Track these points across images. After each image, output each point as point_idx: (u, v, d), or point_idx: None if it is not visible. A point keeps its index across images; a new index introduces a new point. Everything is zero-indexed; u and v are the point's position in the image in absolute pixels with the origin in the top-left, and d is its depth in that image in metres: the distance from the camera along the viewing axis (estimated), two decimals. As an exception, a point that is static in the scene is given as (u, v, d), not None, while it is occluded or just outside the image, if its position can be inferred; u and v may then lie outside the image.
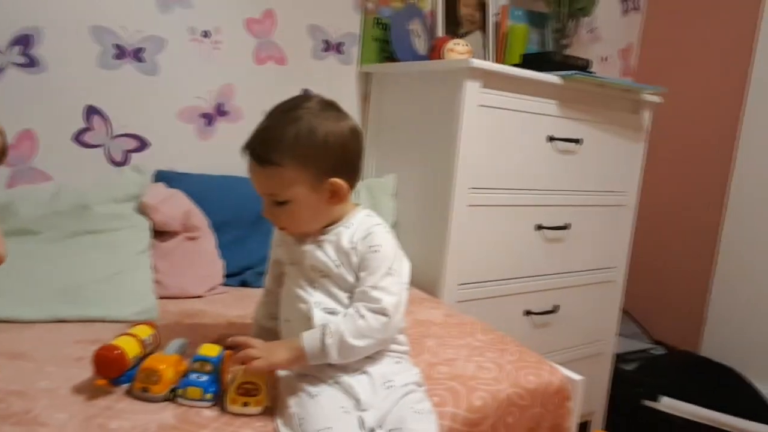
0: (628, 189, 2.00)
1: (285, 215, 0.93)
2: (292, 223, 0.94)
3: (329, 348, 0.87)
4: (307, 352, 0.87)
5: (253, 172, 0.93)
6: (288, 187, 0.91)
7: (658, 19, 2.62)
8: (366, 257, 0.92)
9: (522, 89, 1.66)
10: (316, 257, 0.94)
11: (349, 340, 0.87)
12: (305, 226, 0.95)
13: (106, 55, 1.53)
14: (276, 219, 0.95)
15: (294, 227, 0.95)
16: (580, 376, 1.20)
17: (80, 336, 1.09)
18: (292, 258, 0.99)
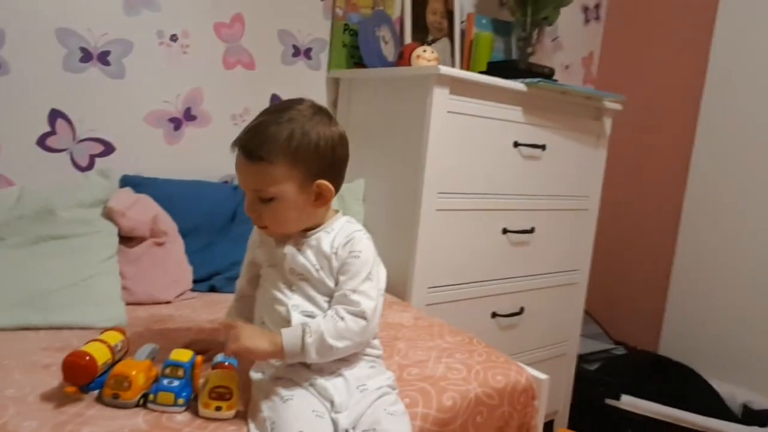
0: (590, 193, 2.06)
1: (269, 213, 0.93)
2: (275, 221, 0.94)
3: (308, 347, 0.87)
4: (286, 349, 0.87)
5: (242, 166, 0.92)
6: (276, 185, 0.91)
7: (617, 29, 2.71)
8: (347, 262, 0.94)
9: (488, 96, 1.70)
10: (296, 260, 0.94)
11: (328, 340, 0.88)
12: (287, 225, 0.95)
13: (71, 57, 1.51)
14: (258, 217, 0.94)
15: (276, 226, 0.95)
16: (545, 375, 1.24)
17: (47, 343, 1.07)
18: (271, 260, 0.99)
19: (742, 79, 2.24)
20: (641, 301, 2.58)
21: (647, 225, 2.57)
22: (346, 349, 0.91)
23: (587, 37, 2.71)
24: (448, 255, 1.70)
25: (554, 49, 2.59)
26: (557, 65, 2.59)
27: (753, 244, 2.20)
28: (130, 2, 1.57)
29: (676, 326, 2.43)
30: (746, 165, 2.23)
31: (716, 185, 2.31)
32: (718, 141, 2.31)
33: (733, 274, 2.26)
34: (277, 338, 0.87)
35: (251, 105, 1.81)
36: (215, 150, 1.76)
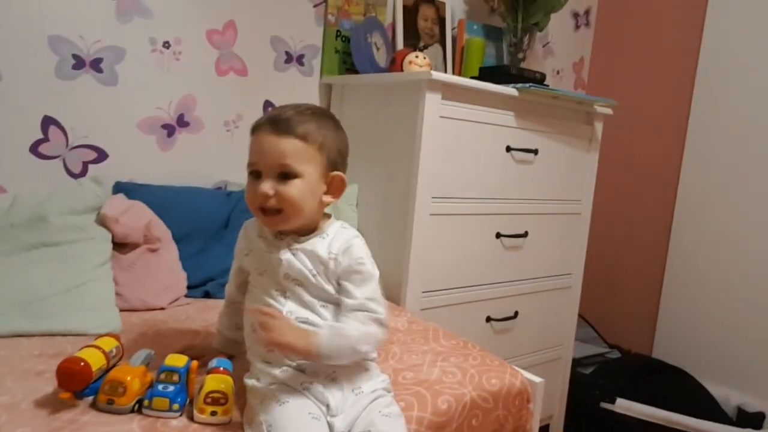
0: (582, 198, 2.07)
1: (287, 193, 0.91)
2: (291, 202, 0.91)
3: (341, 350, 0.89)
4: (321, 352, 0.87)
5: (269, 142, 0.91)
6: (304, 163, 0.92)
7: (607, 34, 2.74)
8: (353, 269, 0.95)
9: (480, 101, 1.71)
10: (292, 266, 0.94)
11: (357, 346, 0.90)
12: (301, 210, 0.93)
13: (64, 65, 1.50)
14: (274, 198, 0.91)
15: (290, 208, 0.92)
16: (540, 378, 1.24)
17: (40, 350, 1.06)
18: (261, 267, 0.98)
19: (731, 82, 2.27)
20: (635, 305, 2.59)
21: (640, 228, 2.58)
22: (367, 353, 0.94)
23: (578, 43, 2.74)
24: (442, 259, 1.70)
25: (545, 54, 2.61)
26: (548, 71, 2.61)
27: (745, 246, 2.22)
28: (123, 9, 1.57)
29: (669, 329, 2.45)
30: (737, 168, 2.25)
31: (707, 188, 2.33)
32: (709, 144, 2.33)
33: (725, 276, 2.27)
34: (312, 339, 0.87)
35: (244, 111, 1.82)
36: (208, 156, 1.76)
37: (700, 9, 2.36)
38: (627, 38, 2.65)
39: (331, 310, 0.96)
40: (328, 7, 1.91)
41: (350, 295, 0.94)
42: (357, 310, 0.93)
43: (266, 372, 0.92)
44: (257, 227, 1.01)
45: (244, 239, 1.03)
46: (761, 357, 2.16)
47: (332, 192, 0.98)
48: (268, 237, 0.99)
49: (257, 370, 0.93)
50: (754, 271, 2.19)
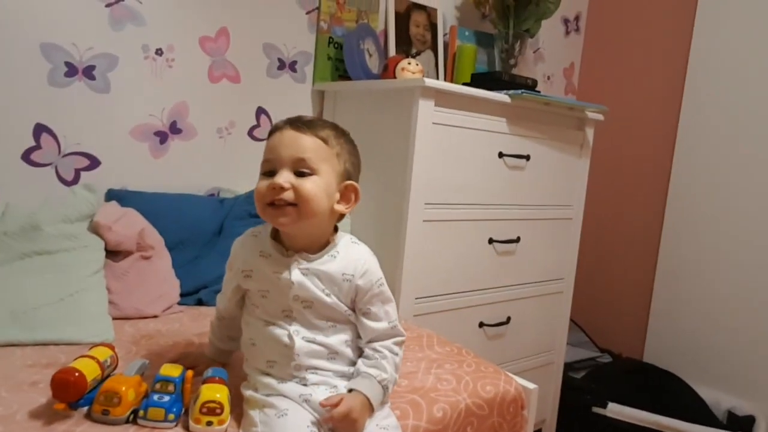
0: (574, 203, 2.09)
1: (304, 185, 0.88)
2: (306, 198, 0.88)
3: (387, 394, 0.94)
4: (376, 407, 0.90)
5: (290, 138, 0.90)
6: (322, 161, 0.91)
7: (597, 40, 2.76)
8: (374, 292, 0.95)
9: (473, 107, 1.72)
10: (304, 288, 0.92)
11: (395, 377, 0.95)
12: (314, 208, 0.89)
13: (56, 72, 1.50)
14: (290, 189, 0.88)
15: (305, 204, 0.88)
16: (534, 384, 1.25)
17: (33, 360, 1.06)
18: (264, 288, 0.95)
19: (721, 86, 2.29)
20: (626, 309, 2.61)
21: (630, 233, 2.60)
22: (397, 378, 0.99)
23: (568, 49, 2.76)
24: (436, 265, 1.71)
25: (536, 60, 2.63)
26: (539, 76, 2.63)
27: (735, 250, 2.24)
28: (115, 17, 1.57)
29: (660, 333, 2.46)
30: (726, 172, 2.27)
31: (697, 192, 2.35)
32: (699, 148, 2.35)
33: (716, 280, 2.29)
34: (365, 400, 0.88)
35: (237, 118, 1.82)
36: (201, 163, 1.76)
37: (690, 14, 2.38)
38: (616, 43, 2.67)
39: (340, 330, 0.95)
40: (320, 14, 1.92)
41: (376, 318, 0.95)
42: (384, 336, 0.96)
43: (265, 384, 0.91)
44: (257, 244, 0.97)
45: (242, 258, 0.97)
46: (751, 360, 2.18)
47: (345, 201, 0.96)
48: (273, 254, 0.94)
49: (255, 380, 0.93)
50: (745, 275, 2.21)
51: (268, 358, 0.93)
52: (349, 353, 0.95)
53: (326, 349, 0.93)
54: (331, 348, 0.93)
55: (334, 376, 0.93)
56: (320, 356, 0.92)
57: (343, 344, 0.95)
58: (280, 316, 0.93)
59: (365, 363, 0.93)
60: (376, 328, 0.94)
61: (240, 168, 1.81)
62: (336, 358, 0.94)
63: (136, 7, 1.59)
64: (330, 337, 0.93)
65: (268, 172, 0.91)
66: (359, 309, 0.95)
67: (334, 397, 0.87)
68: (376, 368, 0.92)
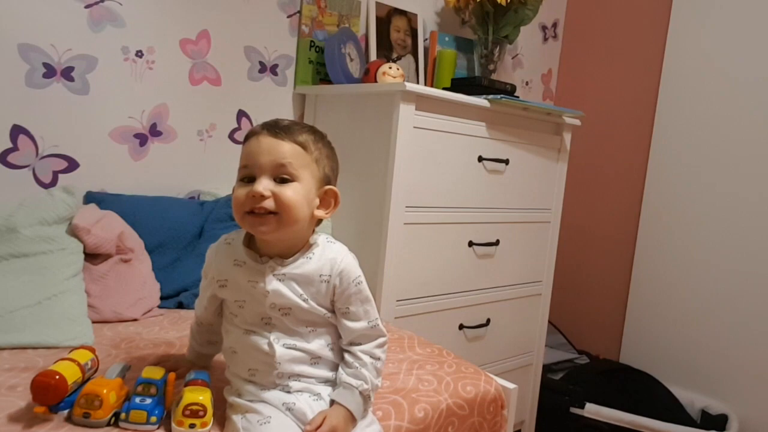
0: (552, 206, 2.12)
1: (284, 194, 0.87)
2: (287, 205, 0.87)
3: (370, 402, 0.94)
4: (358, 417, 0.90)
5: (268, 144, 0.88)
6: (302, 168, 0.89)
7: (574, 47, 2.81)
8: (352, 291, 0.94)
9: (453, 112, 1.74)
10: (281, 295, 0.90)
11: (377, 384, 0.95)
12: (295, 216, 0.88)
13: (34, 73, 1.48)
14: (270, 197, 0.87)
15: (286, 211, 0.87)
16: (513, 384, 1.27)
17: (11, 363, 1.04)
18: (241, 298, 0.93)
19: (694, 92, 2.34)
20: (603, 311, 2.65)
21: (607, 236, 2.65)
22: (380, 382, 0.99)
23: (546, 55, 2.81)
24: (416, 268, 1.72)
25: (514, 66, 2.67)
26: (518, 82, 2.67)
27: (709, 252, 2.29)
28: (95, 18, 1.55)
29: (635, 335, 2.51)
30: (701, 174, 2.31)
31: (671, 195, 2.40)
32: (673, 151, 2.40)
33: (690, 283, 2.34)
34: (347, 414, 0.89)
35: (217, 121, 1.81)
36: (181, 166, 1.75)
37: (664, 20, 2.44)
38: (593, 50, 2.72)
39: (320, 333, 0.94)
40: (301, 17, 1.93)
41: (356, 318, 0.94)
42: (363, 338, 0.94)
43: (248, 390, 0.91)
44: (231, 252, 0.95)
45: (216, 267, 0.95)
46: (724, 361, 2.23)
47: (325, 206, 0.95)
48: (247, 262, 0.92)
49: (238, 387, 0.93)
50: (718, 278, 2.26)
51: (249, 366, 0.92)
52: (332, 357, 0.95)
53: (308, 354, 0.92)
54: (312, 353, 0.92)
55: (317, 383, 0.92)
56: (302, 362, 0.92)
57: (325, 348, 0.94)
58: (259, 324, 0.92)
59: (346, 372, 0.92)
60: (356, 328, 0.93)
61: (220, 171, 1.80)
62: (319, 363, 0.93)
63: (115, 8, 1.58)
64: (311, 342, 0.93)
65: (246, 178, 0.89)
66: (338, 309, 0.94)
67: (317, 418, 0.86)
68: (356, 378, 0.91)
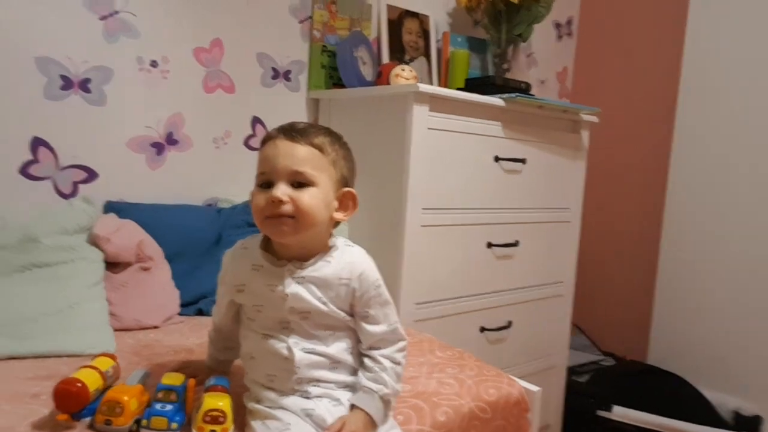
0: (572, 205, 2.09)
1: (302, 198, 0.87)
2: (305, 210, 0.87)
3: (390, 407, 0.93)
4: (379, 423, 0.89)
5: (285, 149, 0.88)
6: (320, 171, 0.89)
7: (589, 43, 2.78)
8: (371, 294, 0.93)
9: (467, 112, 1.72)
10: (300, 297, 0.89)
11: (398, 389, 0.93)
12: (313, 220, 0.88)
13: (52, 86, 1.50)
14: (289, 202, 0.86)
15: (303, 217, 0.87)
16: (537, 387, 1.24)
17: (34, 372, 1.05)
18: (259, 302, 0.93)
19: (716, 84, 2.28)
20: (628, 311, 2.60)
21: (630, 234, 2.60)
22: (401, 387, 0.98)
23: (561, 53, 2.78)
24: (435, 270, 1.71)
25: (529, 65, 2.65)
26: (533, 80, 2.64)
27: (737, 248, 2.22)
28: (110, 30, 1.57)
29: (663, 335, 2.44)
30: (725, 169, 2.25)
31: (696, 191, 2.34)
32: (696, 146, 2.34)
33: (718, 280, 2.27)
34: (367, 419, 0.88)
35: (232, 128, 1.82)
36: (198, 173, 1.76)
37: (682, 14, 2.39)
38: (609, 46, 2.69)
39: (340, 337, 0.93)
40: (313, 23, 1.93)
41: (375, 321, 0.93)
42: (383, 341, 0.93)
43: (267, 397, 0.90)
44: (248, 257, 0.94)
45: (233, 272, 0.95)
46: (757, 360, 2.17)
47: (343, 209, 0.94)
48: (265, 265, 0.92)
49: (257, 393, 0.92)
50: (747, 274, 2.19)
51: (268, 372, 0.91)
52: (351, 361, 0.94)
53: (327, 359, 0.91)
54: (332, 357, 0.92)
55: (337, 388, 0.92)
56: (322, 367, 0.91)
57: (344, 352, 0.93)
58: (277, 328, 0.91)
59: (366, 376, 0.91)
60: (376, 332, 0.92)
61: (236, 177, 1.81)
62: (338, 368, 0.92)
63: (129, 19, 1.60)
64: (330, 346, 0.92)
65: (265, 183, 0.89)
66: (357, 313, 0.93)
67: (336, 424, 0.85)
68: (376, 382, 0.90)
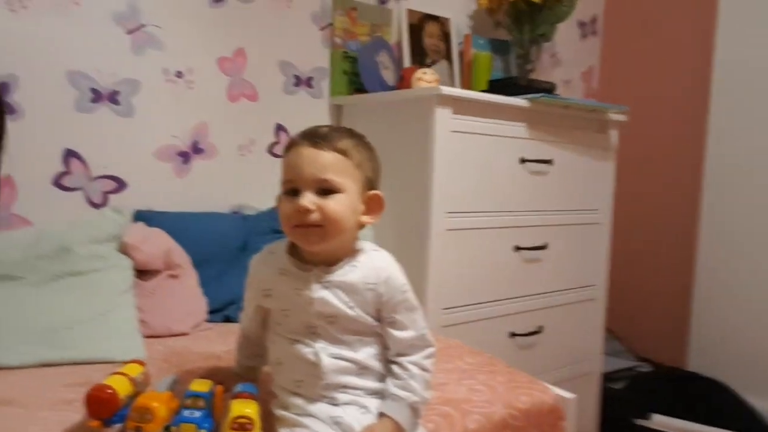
0: (601, 207, 2.05)
1: (329, 206, 0.86)
2: (333, 218, 0.87)
3: (419, 415, 0.91)
4: (406, 429, 0.88)
5: (309, 156, 0.88)
6: (346, 177, 0.88)
7: (615, 41, 2.73)
8: (398, 299, 0.92)
9: (491, 114, 1.71)
10: (326, 302, 0.89)
11: (426, 397, 0.91)
12: (341, 226, 0.88)
13: (82, 98, 1.54)
14: (316, 211, 0.86)
15: (332, 225, 0.87)
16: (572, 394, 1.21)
17: (68, 379, 1.07)
18: (286, 306, 0.93)
19: (749, 78, 2.19)
20: (664, 315, 2.51)
21: (664, 235, 2.52)
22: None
23: (585, 52, 2.74)
24: (461, 275, 1.69)
25: (553, 65, 2.61)
26: (557, 81, 2.59)
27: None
28: (137, 43, 1.60)
29: (703, 340, 2.34)
30: (763, 166, 2.16)
31: (734, 190, 2.25)
32: (731, 143, 2.25)
33: (759, 280, 2.17)
34: (396, 427, 0.87)
35: (256, 136, 1.84)
36: (223, 181, 1.78)
37: (712, 6, 2.30)
38: (636, 43, 2.63)
39: (367, 343, 0.92)
40: (334, 29, 1.94)
41: (403, 327, 0.92)
42: (412, 347, 0.92)
43: (294, 404, 0.90)
44: (275, 262, 0.94)
45: (260, 277, 0.96)
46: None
47: (370, 212, 0.94)
48: (292, 270, 0.92)
49: (284, 400, 0.92)
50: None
51: (295, 378, 0.91)
52: (378, 367, 0.93)
53: (354, 364, 0.90)
54: (359, 363, 0.91)
55: (365, 395, 0.90)
56: (349, 372, 0.90)
57: (371, 358, 0.92)
58: (304, 333, 0.91)
59: (394, 383, 0.90)
60: (404, 338, 0.91)
61: (261, 184, 1.82)
62: (365, 374, 0.91)
63: (155, 32, 1.63)
64: (358, 351, 0.91)
65: (291, 191, 0.89)
66: (384, 318, 0.92)
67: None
68: (405, 389, 0.89)
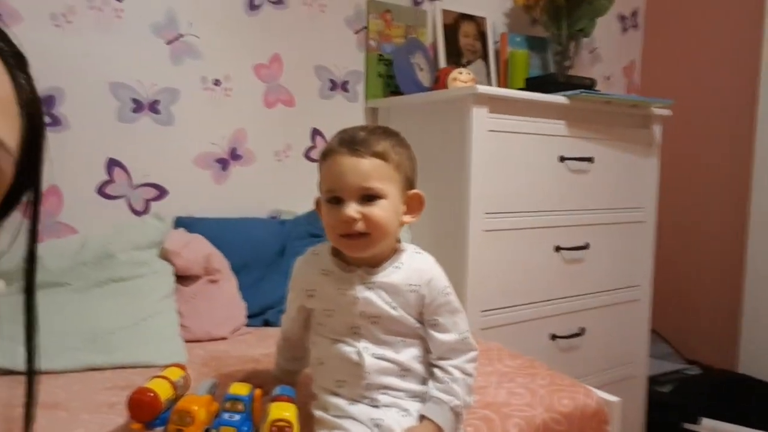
0: (645, 205, 1.99)
1: (373, 215, 0.87)
2: (377, 225, 0.87)
3: (461, 420, 0.91)
4: None
5: (349, 165, 0.87)
6: (387, 182, 0.88)
7: (658, 34, 2.65)
8: (440, 301, 0.91)
9: (529, 112, 1.68)
10: (370, 302, 0.89)
11: (469, 401, 0.91)
12: (386, 231, 0.89)
13: (124, 109, 1.58)
14: (361, 219, 0.87)
15: (377, 231, 0.88)
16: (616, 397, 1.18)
17: (111, 383, 1.10)
18: (329, 306, 0.93)
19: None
20: (713, 316, 2.42)
21: (712, 233, 2.43)
22: None
23: (626, 46, 2.66)
24: (500, 276, 1.66)
25: (593, 60, 2.55)
26: (597, 76, 2.53)
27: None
28: (175, 53, 1.64)
29: (755, 341, 2.24)
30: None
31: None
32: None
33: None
34: (437, 430, 0.86)
35: (293, 141, 1.85)
36: (261, 186, 1.80)
37: (759, 0, 2.22)
38: (680, 37, 2.55)
39: (410, 344, 0.92)
40: (368, 32, 1.94)
41: (445, 330, 0.91)
42: (454, 350, 0.91)
43: (335, 404, 0.89)
44: (318, 263, 0.95)
45: (303, 278, 0.96)
46: None
47: (411, 211, 0.94)
48: (335, 271, 0.93)
49: (324, 401, 0.92)
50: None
51: (337, 378, 0.91)
52: (421, 370, 0.92)
53: (397, 366, 0.90)
54: (402, 365, 0.90)
55: (406, 397, 0.90)
56: (391, 374, 0.90)
57: (414, 360, 0.91)
58: (347, 333, 0.91)
59: (436, 387, 0.89)
60: (446, 341, 0.90)
61: (298, 189, 1.83)
62: (407, 376, 0.91)
63: (193, 41, 1.66)
64: (400, 353, 0.91)
65: (333, 199, 0.89)
66: (427, 320, 0.92)
67: None
68: (447, 393, 0.88)
